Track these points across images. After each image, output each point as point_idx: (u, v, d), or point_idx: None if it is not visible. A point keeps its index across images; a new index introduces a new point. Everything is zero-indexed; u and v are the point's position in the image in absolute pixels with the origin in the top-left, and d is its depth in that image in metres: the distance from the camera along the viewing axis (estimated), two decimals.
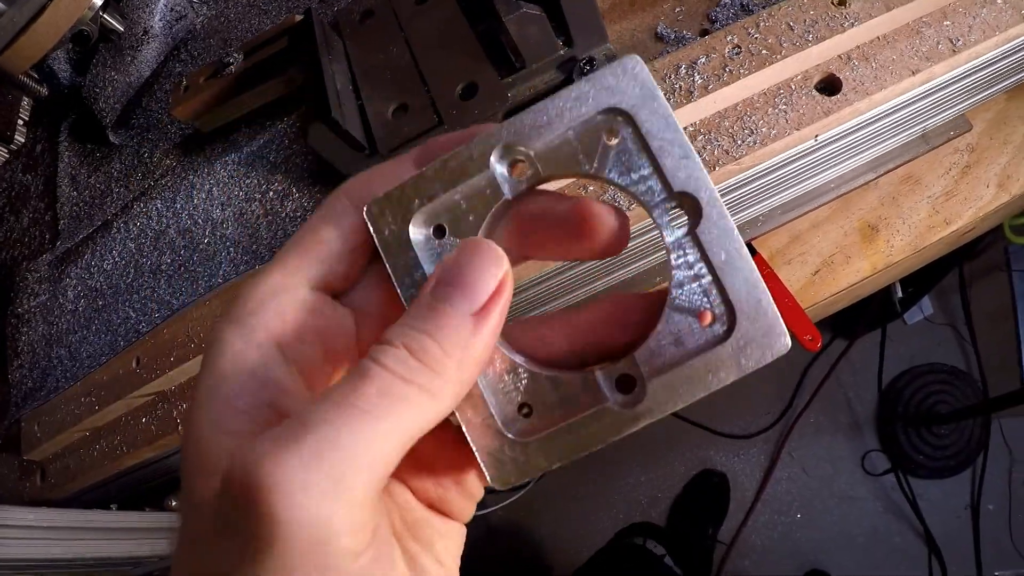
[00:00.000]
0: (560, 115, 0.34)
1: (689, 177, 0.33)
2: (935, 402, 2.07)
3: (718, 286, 0.33)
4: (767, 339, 0.32)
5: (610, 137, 0.34)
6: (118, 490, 0.94)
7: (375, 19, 0.79)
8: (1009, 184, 0.84)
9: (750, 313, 0.32)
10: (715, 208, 0.33)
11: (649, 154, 0.34)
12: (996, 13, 0.68)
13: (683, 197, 0.33)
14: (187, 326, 0.77)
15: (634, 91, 0.34)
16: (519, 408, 0.35)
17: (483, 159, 0.35)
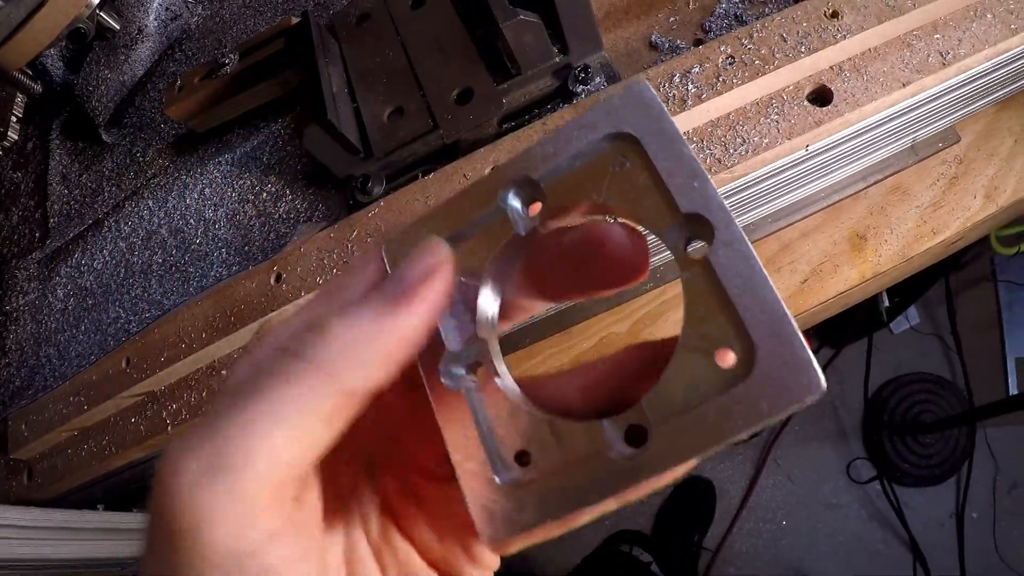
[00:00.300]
0: (568, 144, 0.33)
1: (698, 197, 0.30)
2: (920, 411, 2.09)
3: (734, 318, 0.28)
4: (792, 380, 0.27)
5: (616, 163, 0.32)
6: (105, 490, 0.93)
7: (371, 22, 0.79)
8: (996, 195, 0.85)
9: (772, 349, 0.27)
10: (729, 229, 0.29)
11: (655, 177, 0.31)
12: (986, 27, 0.69)
13: (693, 220, 0.30)
14: (178, 326, 0.77)
15: (640, 115, 0.32)
16: (517, 456, 0.32)
17: (494, 194, 0.34)
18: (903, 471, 2.06)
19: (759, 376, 0.27)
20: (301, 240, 0.73)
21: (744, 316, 0.28)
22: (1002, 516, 2.01)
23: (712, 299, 0.29)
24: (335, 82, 0.74)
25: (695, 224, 0.30)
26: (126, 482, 0.92)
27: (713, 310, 0.29)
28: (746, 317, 0.28)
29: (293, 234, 0.74)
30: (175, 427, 0.77)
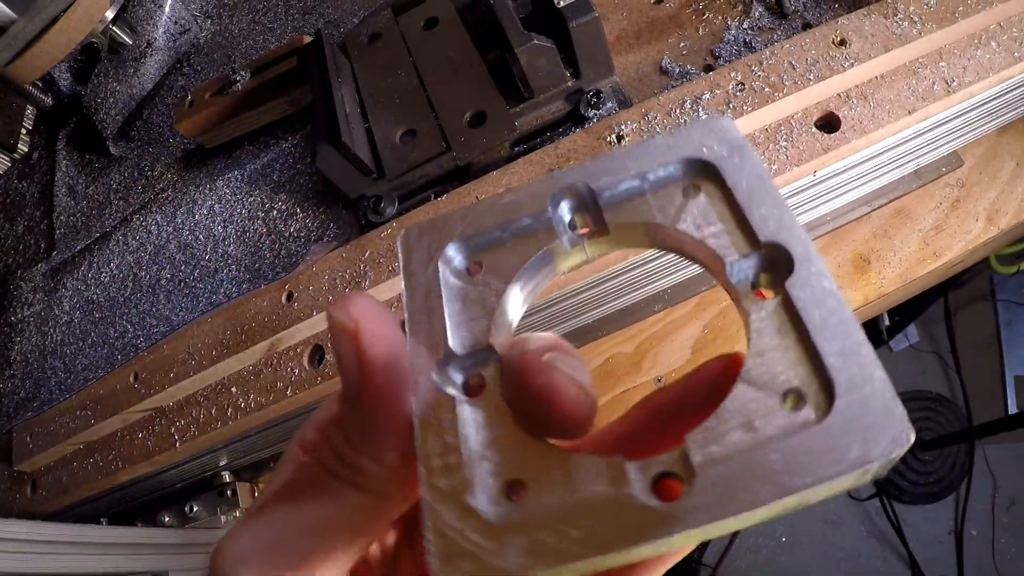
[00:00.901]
0: (635, 162, 0.31)
1: (780, 227, 0.28)
2: (920, 428, 2.09)
3: (811, 357, 0.25)
4: (877, 428, 0.23)
5: (689, 190, 0.31)
6: (109, 504, 0.93)
7: (383, 42, 0.80)
8: (997, 218, 0.85)
9: (856, 394, 0.23)
10: (811, 261, 0.27)
11: (733, 205, 0.29)
12: (990, 55, 0.69)
13: (771, 249, 0.28)
14: (188, 342, 0.77)
15: (722, 145, 0.30)
16: (507, 486, 0.26)
17: (541, 199, 0.31)
18: (902, 488, 2.06)
19: (837, 422, 0.23)
20: (313, 260, 0.74)
21: (824, 355, 0.24)
22: (1001, 533, 2.01)
23: (786, 334, 0.26)
24: (347, 102, 0.74)
25: (773, 254, 0.28)
26: (131, 497, 0.92)
27: (786, 346, 0.26)
28: (826, 356, 0.24)
29: (306, 253, 0.74)
30: (183, 443, 0.77)
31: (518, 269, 0.31)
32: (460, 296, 0.31)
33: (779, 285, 0.27)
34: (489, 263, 0.31)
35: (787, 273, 0.27)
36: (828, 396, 0.24)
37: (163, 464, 0.82)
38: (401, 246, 0.32)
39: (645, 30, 0.80)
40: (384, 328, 0.28)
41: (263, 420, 0.76)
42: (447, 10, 0.78)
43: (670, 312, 0.85)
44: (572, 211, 0.32)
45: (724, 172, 0.30)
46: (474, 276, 0.31)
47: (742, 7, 0.77)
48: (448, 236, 0.32)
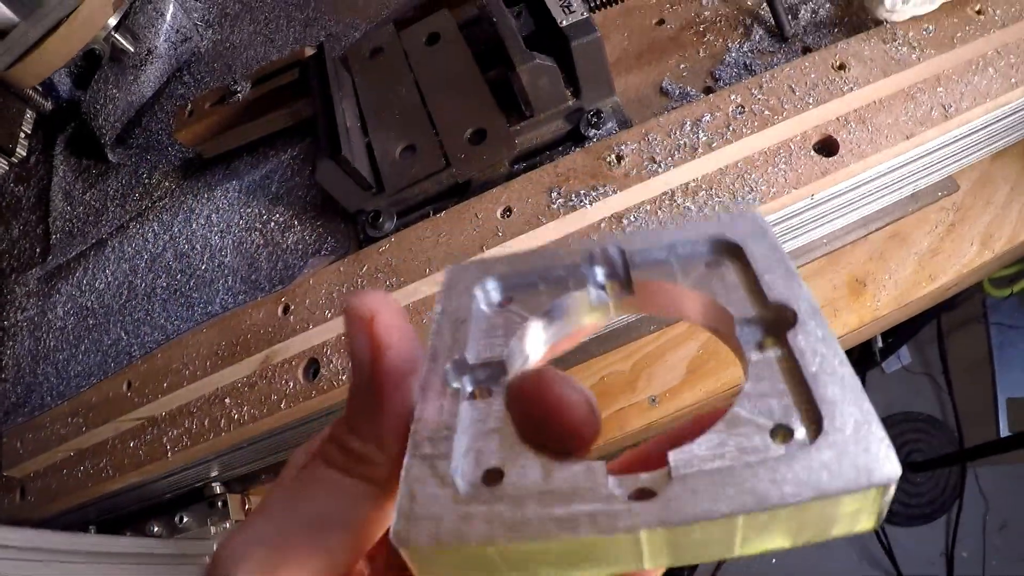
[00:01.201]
0: (668, 237, 0.34)
1: (788, 290, 0.30)
2: (911, 450, 2.09)
3: (806, 399, 0.26)
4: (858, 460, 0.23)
5: (712, 264, 0.34)
6: (98, 512, 0.93)
7: (385, 56, 0.80)
8: (992, 242, 0.86)
9: (842, 428, 0.24)
10: (814, 318, 0.29)
11: (749, 274, 0.32)
12: (987, 81, 0.70)
13: (778, 308, 0.30)
14: (182, 352, 0.77)
15: (747, 228, 0.34)
16: (487, 473, 0.27)
17: (577, 255, 0.34)
18: (893, 510, 2.06)
19: (821, 449, 0.24)
20: (310, 273, 0.74)
21: (817, 392, 0.26)
22: (992, 555, 2.01)
23: (783, 379, 0.27)
24: (348, 116, 0.74)
25: (780, 313, 0.30)
26: (120, 505, 0.92)
27: (782, 390, 0.27)
28: (818, 395, 0.25)
29: (303, 266, 0.74)
30: (175, 453, 0.77)
31: (541, 306, 0.34)
32: (488, 321, 0.34)
33: (782, 339, 0.28)
34: (520, 299, 0.34)
35: (788, 324, 0.29)
36: (817, 428, 0.25)
37: (154, 474, 0.82)
38: (447, 274, 0.35)
39: (646, 51, 0.80)
40: (397, 319, 0.30)
41: (256, 432, 0.75)
42: (449, 26, 0.78)
43: (666, 331, 0.85)
44: (604, 271, 0.35)
45: (746, 248, 0.33)
46: (504, 308, 0.34)
47: (743, 30, 0.78)
48: (490, 271, 0.35)
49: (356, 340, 0.30)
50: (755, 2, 0.79)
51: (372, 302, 0.30)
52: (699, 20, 0.80)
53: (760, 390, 0.27)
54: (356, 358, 0.30)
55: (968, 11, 0.71)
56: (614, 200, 0.68)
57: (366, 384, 0.29)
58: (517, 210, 0.68)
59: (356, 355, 0.30)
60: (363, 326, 0.29)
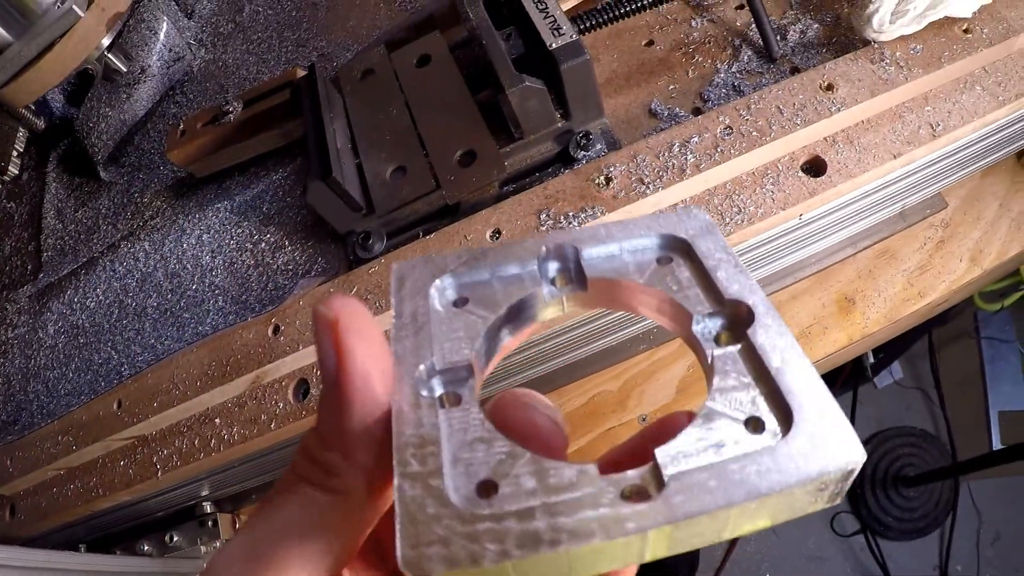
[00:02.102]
0: (617, 236, 0.35)
1: (743, 288, 0.32)
2: (904, 464, 2.09)
3: (771, 391, 0.28)
4: (831, 445, 0.26)
5: (663, 260, 0.35)
6: (88, 531, 0.92)
7: (375, 78, 0.80)
8: (981, 258, 0.86)
9: (811, 418, 0.27)
10: (770, 314, 0.31)
11: (701, 272, 0.34)
12: (975, 99, 0.70)
13: (734, 305, 0.32)
14: (172, 372, 0.77)
15: (694, 226, 0.35)
16: (480, 486, 0.27)
17: (531, 253, 0.35)
18: (887, 524, 2.06)
19: (796, 439, 0.26)
20: (301, 294, 0.74)
21: (783, 386, 0.28)
22: (986, 568, 2.01)
23: (747, 374, 0.29)
24: (339, 137, 0.74)
25: (736, 310, 0.32)
26: (110, 524, 0.92)
27: (747, 384, 0.29)
28: (786, 392, 0.28)
29: (293, 287, 0.74)
30: (165, 473, 0.76)
31: (498, 306, 0.34)
32: (447, 322, 0.33)
33: (740, 335, 0.31)
34: (476, 298, 0.34)
35: (747, 322, 0.31)
36: (787, 423, 0.27)
37: (144, 493, 0.82)
38: (395, 273, 0.35)
39: (635, 72, 0.80)
40: (363, 322, 0.29)
41: (246, 452, 0.75)
42: (440, 48, 0.79)
43: (655, 351, 0.86)
44: (557, 267, 0.35)
45: (695, 246, 0.34)
46: (461, 308, 0.34)
47: (731, 51, 0.78)
48: (440, 270, 0.34)
49: (321, 345, 0.29)
50: (744, 23, 0.80)
51: (337, 306, 0.29)
52: (688, 41, 0.81)
53: (728, 385, 0.29)
54: (322, 362, 0.29)
55: (955, 30, 0.71)
56: (603, 221, 0.68)
57: (331, 391, 0.29)
58: (506, 232, 0.68)
59: (322, 358, 0.29)
60: (327, 330, 0.29)
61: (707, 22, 0.82)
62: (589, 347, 0.81)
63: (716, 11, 0.82)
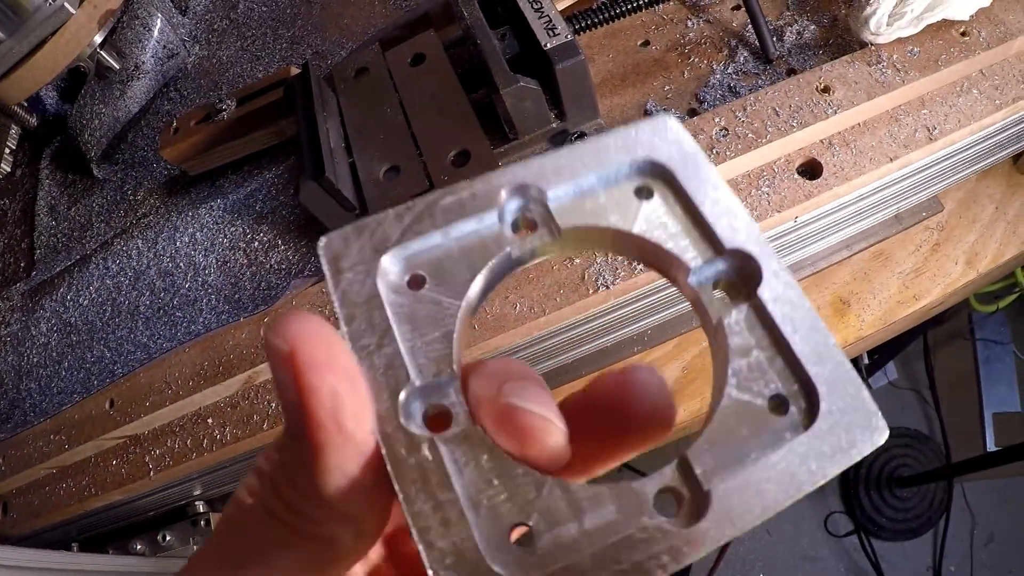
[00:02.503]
0: (586, 161, 0.29)
1: (742, 233, 0.28)
2: (898, 465, 2.10)
3: (790, 362, 0.26)
4: (859, 425, 0.25)
5: (643, 191, 0.30)
6: (80, 530, 0.92)
7: (369, 77, 0.80)
8: (977, 261, 0.86)
9: (836, 394, 0.25)
10: (776, 268, 0.27)
11: (692, 211, 0.29)
12: (972, 103, 0.70)
13: (736, 257, 0.28)
14: (165, 371, 0.77)
15: (673, 147, 0.30)
16: (511, 529, 0.24)
17: (489, 200, 0.29)
18: (881, 525, 2.06)
19: (824, 425, 0.25)
20: (293, 294, 0.74)
21: (802, 358, 0.26)
22: (979, 570, 2.01)
23: (761, 342, 0.27)
24: (332, 136, 0.74)
25: (738, 262, 0.28)
26: (103, 523, 0.91)
27: (764, 354, 0.27)
28: (806, 364, 0.26)
29: (286, 287, 0.74)
30: (157, 472, 0.76)
31: (468, 281, 0.28)
32: (408, 316, 0.28)
33: (745, 292, 0.28)
34: (434, 275, 0.28)
35: (754, 281, 0.28)
36: (810, 400, 0.26)
37: (136, 492, 0.81)
38: (325, 259, 0.28)
39: (631, 72, 0.80)
40: (326, 351, 0.24)
41: (238, 452, 0.75)
42: (435, 47, 0.78)
43: (649, 353, 0.85)
44: (521, 215, 0.30)
45: (679, 176, 0.29)
46: (418, 290, 0.28)
47: (727, 52, 0.78)
48: (383, 243, 0.28)
49: (279, 381, 0.24)
50: (740, 24, 0.79)
51: (292, 334, 0.24)
52: (684, 42, 0.81)
53: (743, 356, 0.27)
54: (283, 402, 0.25)
55: (953, 33, 0.71)
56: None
57: (297, 438, 0.24)
58: None
59: (282, 398, 0.25)
60: (283, 367, 0.24)
61: (703, 23, 0.81)
62: (581, 349, 0.81)
63: (712, 12, 0.82)
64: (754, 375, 0.26)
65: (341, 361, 0.24)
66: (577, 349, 0.80)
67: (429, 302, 0.28)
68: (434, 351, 0.27)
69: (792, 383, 0.26)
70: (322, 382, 0.23)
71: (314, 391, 0.23)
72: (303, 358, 0.23)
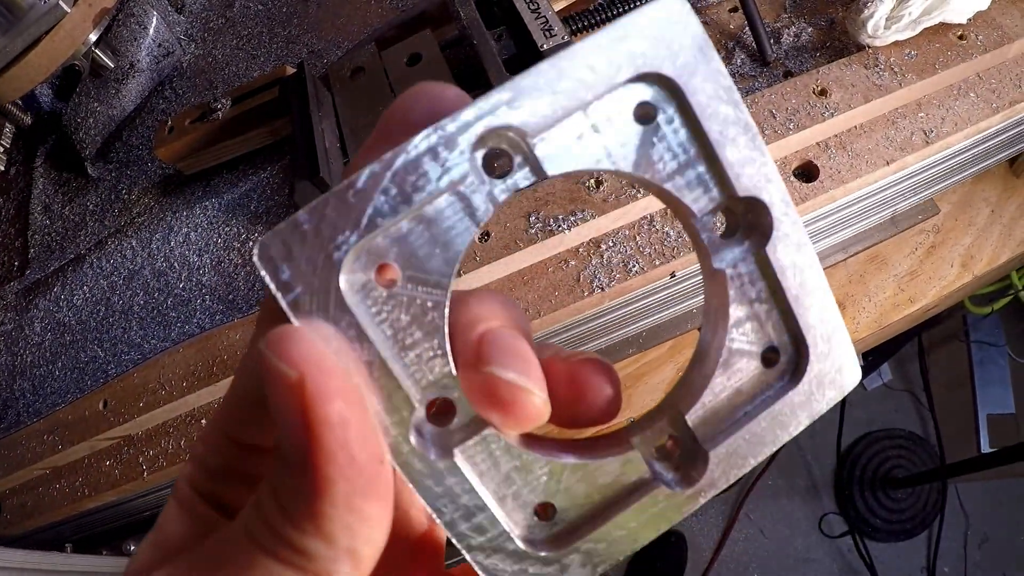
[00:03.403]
0: (571, 81, 0.23)
1: (758, 176, 0.25)
2: (892, 466, 2.10)
3: (788, 319, 0.27)
4: (840, 375, 0.27)
5: (645, 116, 0.24)
6: (74, 530, 0.92)
7: (365, 76, 0.80)
8: (972, 264, 0.86)
9: (824, 349, 0.27)
10: (789, 219, 0.26)
11: (703, 142, 0.25)
12: (968, 106, 0.70)
13: (747, 205, 0.25)
14: (158, 372, 0.76)
15: (680, 48, 0.24)
16: (536, 512, 0.26)
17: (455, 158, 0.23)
18: (875, 526, 2.07)
19: (812, 378, 0.27)
20: None
21: (800, 317, 0.26)
22: (973, 570, 2.02)
23: (762, 295, 0.27)
24: (327, 135, 0.74)
25: (749, 209, 0.26)
26: (97, 523, 0.91)
27: (764, 308, 0.27)
28: (802, 318, 0.26)
29: None
30: (151, 473, 0.76)
31: (443, 263, 0.24)
32: (390, 323, 0.24)
33: (755, 243, 0.26)
34: (404, 262, 0.23)
35: (765, 230, 0.26)
36: (802, 353, 0.27)
37: (130, 493, 0.81)
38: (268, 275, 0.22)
39: None
40: (337, 377, 0.22)
41: None
42: (431, 47, 0.78)
43: (644, 355, 0.85)
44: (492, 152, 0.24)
45: (688, 92, 0.24)
46: (391, 286, 0.24)
47: (724, 53, 0.78)
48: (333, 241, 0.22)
49: (282, 409, 0.22)
50: (737, 26, 0.79)
51: (299, 357, 0.21)
52: None
53: (744, 313, 0.27)
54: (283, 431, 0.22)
55: (950, 37, 0.71)
56: (593, 225, 0.67)
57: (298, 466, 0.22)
58: (495, 234, 0.68)
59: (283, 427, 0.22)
60: (290, 393, 0.21)
61: (700, 24, 0.81)
62: (577, 351, 0.80)
63: (709, 13, 0.82)
64: (751, 328, 0.27)
65: (351, 387, 0.22)
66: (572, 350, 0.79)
67: (406, 297, 0.24)
68: (427, 357, 0.24)
69: (786, 337, 0.27)
70: (332, 410, 0.21)
71: (324, 422, 0.21)
72: (313, 387, 0.21)
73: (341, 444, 0.21)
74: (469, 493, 0.25)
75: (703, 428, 0.27)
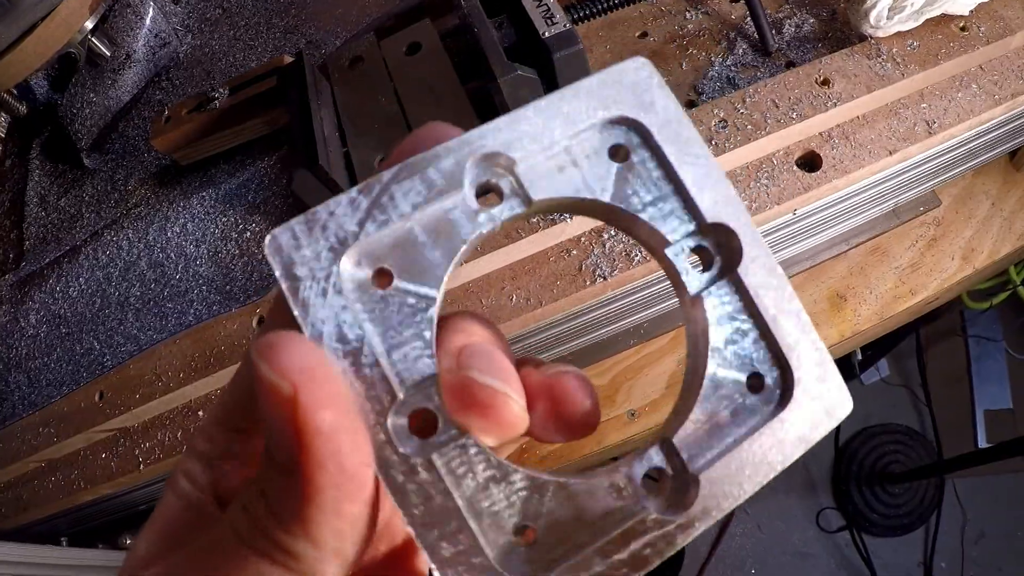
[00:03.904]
0: (553, 122, 0.27)
1: (723, 205, 0.27)
2: (890, 462, 2.10)
3: (768, 341, 0.27)
4: (830, 402, 0.27)
5: (620, 155, 0.28)
6: (70, 524, 0.91)
7: (364, 65, 0.79)
8: (973, 257, 0.86)
9: (810, 372, 0.27)
10: (756, 243, 0.27)
11: (671, 176, 0.28)
12: (971, 97, 0.70)
13: (716, 231, 0.27)
14: (155, 364, 0.76)
15: (646, 100, 0.28)
16: (516, 531, 0.25)
17: (453, 177, 0.26)
18: (872, 521, 2.07)
19: (799, 404, 0.27)
20: None
21: (780, 338, 0.27)
22: (970, 566, 2.02)
23: (740, 317, 0.27)
24: (326, 125, 0.73)
25: (718, 236, 0.28)
26: (93, 517, 0.90)
27: (743, 330, 0.27)
28: (782, 339, 0.27)
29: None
30: (147, 466, 0.75)
31: (435, 269, 0.26)
32: (381, 318, 0.26)
33: (725, 266, 0.28)
34: (400, 266, 0.26)
35: (735, 256, 0.27)
36: (787, 378, 0.27)
37: (126, 486, 0.80)
38: (276, 263, 0.25)
39: None
40: (329, 388, 0.23)
41: None
42: (430, 36, 0.78)
43: (645, 346, 0.85)
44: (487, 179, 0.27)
45: (657, 137, 0.28)
46: (386, 288, 0.26)
47: (726, 44, 0.78)
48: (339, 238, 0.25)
49: (274, 419, 0.22)
50: (739, 16, 0.79)
51: (292, 367, 0.22)
52: (682, 33, 0.80)
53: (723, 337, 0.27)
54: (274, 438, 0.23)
55: (952, 28, 0.71)
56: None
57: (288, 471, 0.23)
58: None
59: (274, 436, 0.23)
60: (281, 403, 0.22)
61: (702, 14, 0.81)
62: (577, 342, 0.80)
63: (711, 3, 0.81)
64: (733, 352, 0.27)
65: (341, 396, 0.23)
66: (574, 341, 0.80)
67: (399, 299, 0.26)
68: (413, 353, 0.26)
69: (768, 360, 0.27)
70: (322, 420, 0.22)
71: (315, 431, 0.22)
72: (307, 399, 0.22)
73: (331, 453, 0.22)
74: (445, 503, 0.25)
75: (694, 454, 0.26)
